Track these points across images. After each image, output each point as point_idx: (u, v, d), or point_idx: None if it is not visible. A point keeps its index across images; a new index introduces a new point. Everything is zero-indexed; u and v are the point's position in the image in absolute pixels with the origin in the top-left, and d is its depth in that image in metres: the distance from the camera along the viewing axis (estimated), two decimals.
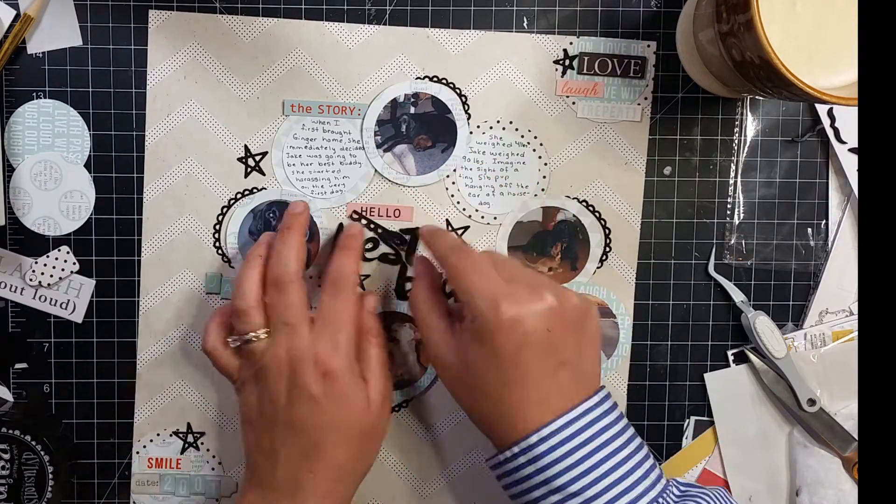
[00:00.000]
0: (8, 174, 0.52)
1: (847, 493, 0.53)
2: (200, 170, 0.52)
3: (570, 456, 0.40)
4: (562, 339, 0.42)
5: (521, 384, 0.41)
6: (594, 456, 0.41)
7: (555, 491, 0.40)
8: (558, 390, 0.42)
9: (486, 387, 0.42)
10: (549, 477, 0.41)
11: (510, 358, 0.41)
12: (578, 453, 0.40)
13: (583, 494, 0.40)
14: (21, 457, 0.50)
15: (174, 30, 0.51)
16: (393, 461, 0.54)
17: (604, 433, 0.41)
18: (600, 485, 0.40)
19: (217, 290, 0.53)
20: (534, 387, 0.42)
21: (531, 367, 0.41)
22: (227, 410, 0.54)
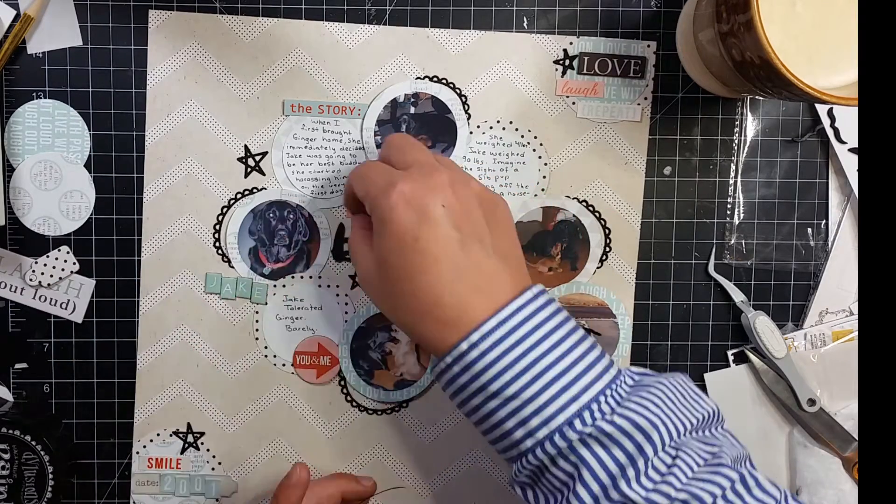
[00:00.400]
0: (8, 174, 0.52)
1: (847, 493, 0.53)
2: (200, 170, 0.52)
3: (502, 359, 0.39)
4: (462, 214, 0.41)
5: (433, 266, 0.40)
6: (528, 356, 0.39)
7: (492, 396, 0.39)
8: (477, 270, 0.40)
9: (401, 283, 0.41)
10: (483, 383, 0.39)
11: (412, 241, 0.40)
12: (510, 355, 0.39)
13: (520, 396, 0.38)
14: (21, 457, 0.50)
15: (174, 30, 0.51)
16: (393, 461, 0.54)
17: (537, 331, 0.39)
18: (537, 384, 0.38)
19: (217, 290, 0.53)
20: (445, 265, 0.40)
21: (435, 245, 0.40)
22: (227, 410, 0.54)
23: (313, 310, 0.53)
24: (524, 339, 0.39)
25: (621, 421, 0.38)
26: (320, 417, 0.54)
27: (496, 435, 0.41)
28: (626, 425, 0.38)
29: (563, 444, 0.38)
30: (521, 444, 0.39)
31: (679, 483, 0.37)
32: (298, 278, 0.53)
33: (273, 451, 0.54)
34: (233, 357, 0.53)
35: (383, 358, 0.54)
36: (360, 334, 0.54)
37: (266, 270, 0.53)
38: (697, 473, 0.38)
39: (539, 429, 0.39)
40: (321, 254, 0.53)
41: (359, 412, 0.54)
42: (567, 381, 0.39)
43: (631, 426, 0.38)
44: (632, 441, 0.38)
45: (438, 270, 0.40)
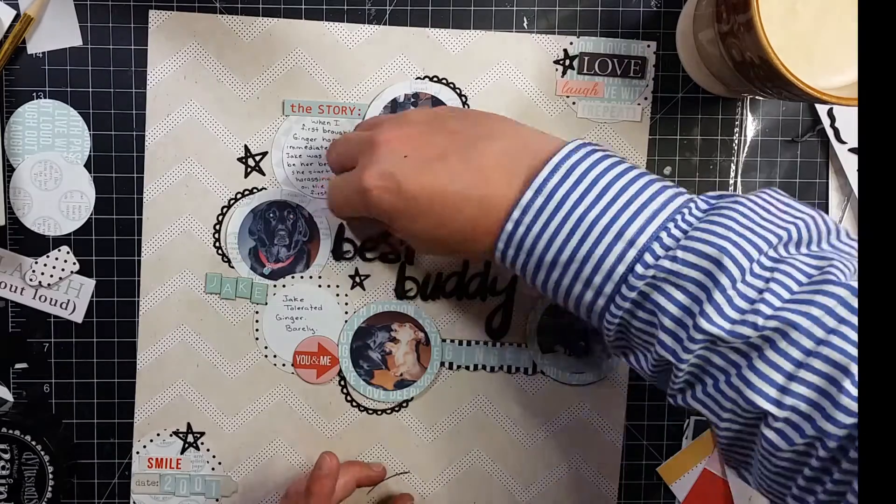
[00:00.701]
0: (8, 174, 0.52)
1: None
2: (200, 170, 0.52)
3: (548, 226, 0.38)
4: (421, 144, 0.42)
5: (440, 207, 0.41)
6: (573, 215, 0.37)
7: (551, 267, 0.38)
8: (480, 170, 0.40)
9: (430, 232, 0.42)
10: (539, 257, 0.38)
11: (406, 206, 0.42)
12: (556, 220, 0.38)
13: (576, 258, 0.37)
14: (21, 457, 0.50)
15: (174, 30, 0.51)
16: (393, 461, 0.54)
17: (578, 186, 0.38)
18: (588, 240, 0.37)
19: (217, 290, 0.53)
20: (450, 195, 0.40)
21: (423, 190, 0.41)
22: (227, 410, 0.54)
23: (313, 310, 0.53)
24: (565, 200, 0.37)
25: (685, 254, 0.35)
26: (320, 417, 0.54)
27: (573, 304, 0.39)
28: (690, 258, 0.35)
29: (632, 293, 0.36)
30: (595, 304, 0.38)
31: (770, 309, 0.34)
32: (298, 278, 0.53)
33: (273, 451, 0.54)
34: (233, 357, 0.53)
35: (383, 358, 0.54)
36: (360, 334, 0.54)
37: (266, 270, 0.53)
38: (796, 295, 0.34)
39: (604, 285, 0.37)
40: (321, 254, 0.53)
41: (359, 412, 0.54)
42: (619, 228, 0.36)
43: (696, 257, 0.35)
44: (701, 272, 0.35)
45: (445, 204, 0.41)
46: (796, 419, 0.33)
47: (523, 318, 0.54)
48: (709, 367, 0.35)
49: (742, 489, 0.55)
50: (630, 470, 0.55)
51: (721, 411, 0.36)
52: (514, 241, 0.39)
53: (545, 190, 0.38)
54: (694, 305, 0.35)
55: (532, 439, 0.55)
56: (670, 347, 0.36)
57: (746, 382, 0.34)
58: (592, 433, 0.55)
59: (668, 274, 0.35)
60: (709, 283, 0.34)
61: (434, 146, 0.42)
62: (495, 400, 0.54)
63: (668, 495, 0.55)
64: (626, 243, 0.36)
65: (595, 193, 0.37)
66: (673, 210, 0.37)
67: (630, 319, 0.37)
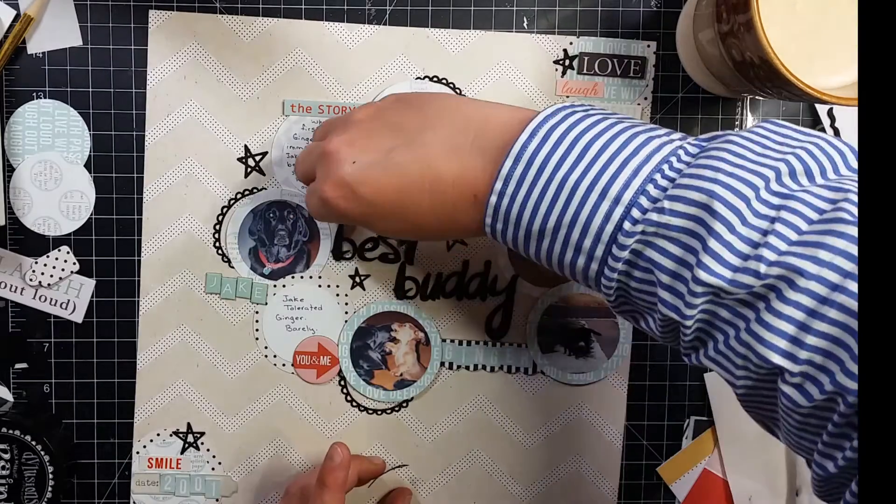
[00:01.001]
0: (8, 174, 0.52)
1: None
2: (200, 170, 0.52)
3: (531, 194, 0.36)
4: (366, 143, 0.42)
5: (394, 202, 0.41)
6: (553, 180, 0.36)
7: (540, 237, 0.37)
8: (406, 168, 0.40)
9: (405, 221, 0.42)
10: (526, 227, 0.37)
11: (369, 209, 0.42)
12: (538, 186, 0.36)
13: (563, 223, 0.36)
14: (21, 457, 0.50)
15: (174, 30, 0.51)
16: (393, 461, 0.54)
17: (555, 151, 0.36)
18: (573, 204, 0.35)
19: (217, 290, 0.53)
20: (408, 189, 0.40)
21: (379, 194, 0.41)
22: (227, 410, 0.54)
23: (313, 310, 0.53)
24: (546, 165, 0.36)
25: (672, 204, 0.33)
26: (320, 417, 0.54)
27: (569, 272, 0.38)
28: (678, 207, 0.33)
29: (624, 252, 0.34)
30: (589, 270, 0.36)
31: (774, 254, 0.31)
32: (298, 278, 0.53)
33: (273, 451, 0.54)
34: (233, 357, 0.53)
35: (383, 358, 0.54)
36: (360, 334, 0.54)
37: (266, 270, 0.53)
38: (804, 236, 0.31)
39: (595, 248, 0.35)
40: (321, 254, 0.53)
41: (359, 412, 0.54)
42: (603, 186, 0.35)
43: (684, 205, 0.33)
44: (692, 221, 0.32)
45: (403, 199, 0.40)
46: (813, 373, 0.30)
47: (523, 318, 0.54)
48: (717, 321, 0.33)
49: (742, 489, 0.55)
50: (630, 470, 0.55)
51: (735, 369, 0.33)
52: (500, 214, 0.38)
53: (524, 157, 0.36)
54: (690, 257, 0.33)
55: (532, 439, 0.55)
56: (672, 305, 0.34)
57: (756, 337, 0.31)
58: (592, 433, 0.55)
59: (657, 227, 0.33)
60: (702, 231, 0.32)
61: (379, 145, 0.41)
62: (495, 400, 0.54)
63: (668, 495, 0.55)
64: (611, 201, 0.34)
65: (576, 154, 0.36)
66: (660, 160, 0.35)
67: (627, 281, 0.35)
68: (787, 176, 0.33)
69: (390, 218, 0.42)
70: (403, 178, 0.40)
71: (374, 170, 0.41)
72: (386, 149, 0.41)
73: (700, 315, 0.33)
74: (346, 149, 0.42)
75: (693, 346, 0.35)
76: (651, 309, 0.36)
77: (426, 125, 0.41)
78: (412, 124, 0.41)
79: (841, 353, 0.30)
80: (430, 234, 0.42)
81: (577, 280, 0.38)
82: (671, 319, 0.34)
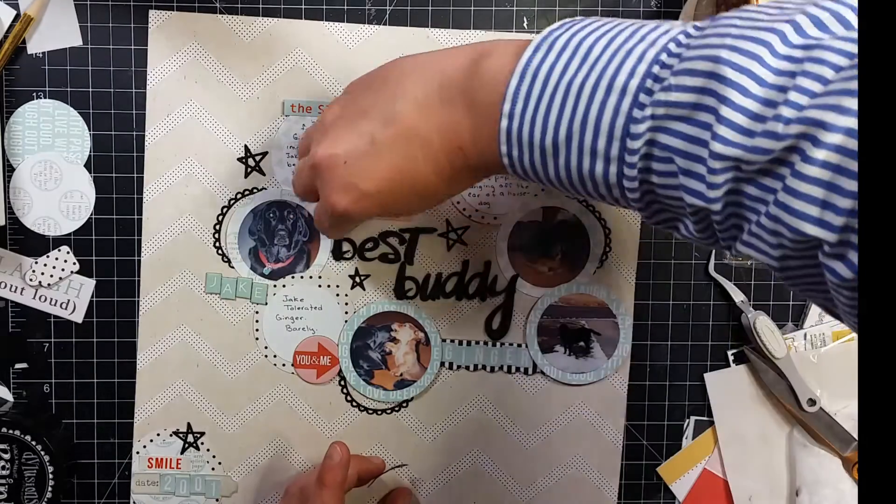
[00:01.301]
0: (8, 174, 0.52)
1: (847, 493, 0.53)
2: (200, 170, 0.52)
3: (539, 109, 0.35)
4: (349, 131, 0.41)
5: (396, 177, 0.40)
6: (559, 91, 0.34)
7: (555, 152, 0.35)
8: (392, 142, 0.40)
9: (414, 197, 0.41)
10: (540, 144, 0.35)
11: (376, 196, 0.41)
12: (544, 100, 0.35)
13: (573, 129, 0.34)
14: (21, 457, 0.50)
15: (174, 30, 0.51)
16: (393, 461, 0.54)
17: (556, 65, 0.34)
18: (580, 107, 0.33)
19: (217, 290, 0.53)
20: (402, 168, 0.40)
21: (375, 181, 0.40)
22: (227, 410, 0.54)
23: (313, 310, 0.53)
24: (550, 74, 0.34)
25: (678, 79, 0.31)
26: (320, 417, 0.54)
27: (591, 186, 0.35)
28: (685, 81, 0.31)
29: (638, 143, 0.32)
30: (609, 174, 0.34)
31: (794, 111, 0.28)
32: (298, 278, 0.53)
33: (273, 451, 0.54)
34: (233, 357, 0.53)
35: (383, 358, 0.54)
36: (360, 334, 0.54)
37: (266, 270, 0.53)
38: (829, 87, 0.28)
39: (609, 147, 0.33)
40: (321, 254, 0.53)
41: (359, 412, 0.54)
42: (608, 81, 0.33)
43: (691, 77, 0.30)
44: (701, 93, 0.30)
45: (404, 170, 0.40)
46: (852, 238, 0.27)
47: (523, 318, 0.54)
48: (745, 201, 0.30)
49: (742, 489, 0.55)
50: (630, 470, 0.55)
51: (771, 249, 0.31)
52: (513, 138, 0.36)
53: (528, 71, 0.35)
54: (704, 133, 0.30)
55: (532, 439, 0.55)
56: (695, 190, 0.31)
57: (785, 208, 0.28)
58: (592, 433, 0.55)
59: (666, 108, 0.31)
60: (712, 102, 0.30)
61: (360, 135, 0.41)
62: (495, 400, 0.54)
63: (668, 495, 0.55)
64: (618, 94, 0.32)
65: (580, 56, 0.34)
66: (665, 43, 0.32)
67: (649, 178, 0.33)
68: (810, 26, 0.29)
69: (403, 198, 0.41)
70: (395, 156, 0.40)
71: (365, 160, 0.40)
72: (367, 135, 0.40)
73: (727, 197, 0.31)
74: (332, 153, 0.41)
75: (731, 236, 0.33)
76: (682, 207, 0.33)
77: (394, 96, 0.40)
78: (381, 101, 0.41)
79: None
80: (446, 194, 0.42)
81: (600, 197, 0.36)
82: (700, 209, 0.32)
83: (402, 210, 0.42)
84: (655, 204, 0.35)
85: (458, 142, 0.39)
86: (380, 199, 0.41)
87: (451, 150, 0.39)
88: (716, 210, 0.31)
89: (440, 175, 0.40)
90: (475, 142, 0.38)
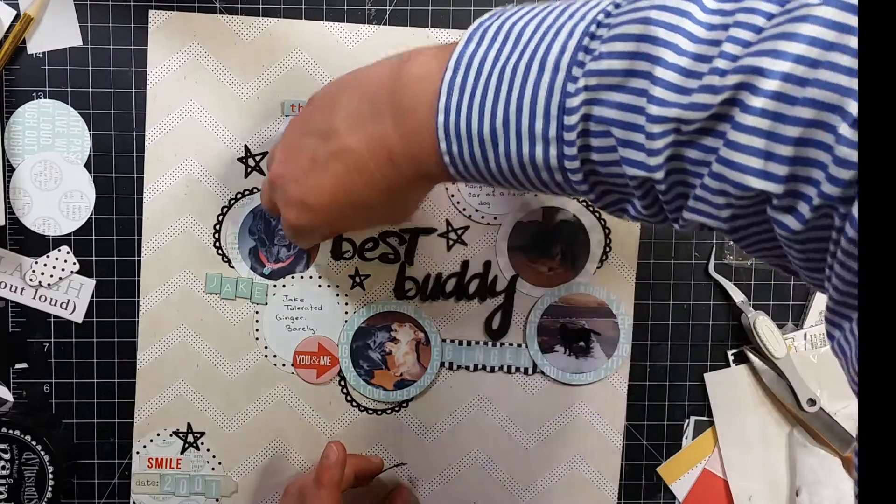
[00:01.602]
0: (8, 174, 0.52)
1: (847, 493, 0.53)
2: (200, 170, 0.52)
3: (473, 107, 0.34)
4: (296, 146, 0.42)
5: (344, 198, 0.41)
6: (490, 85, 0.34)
7: (493, 142, 0.34)
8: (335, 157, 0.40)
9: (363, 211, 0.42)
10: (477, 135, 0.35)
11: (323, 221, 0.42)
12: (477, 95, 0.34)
13: (510, 113, 0.33)
14: (21, 457, 0.50)
15: (174, 30, 0.51)
16: (393, 461, 0.54)
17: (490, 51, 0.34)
18: (514, 90, 0.33)
19: (217, 290, 0.53)
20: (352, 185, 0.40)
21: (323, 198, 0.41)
22: (227, 410, 0.54)
23: (313, 310, 0.53)
24: (483, 63, 0.34)
25: (609, 46, 0.30)
26: (320, 417, 0.54)
27: (532, 173, 0.34)
28: (616, 46, 0.30)
29: (574, 117, 0.31)
30: (550, 157, 0.33)
31: (729, 62, 0.27)
32: (298, 278, 0.53)
33: (273, 451, 0.54)
34: (233, 357, 0.53)
35: (383, 358, 0.54)
36: (360, 334, 0.54)
37: (266, 270, 0.53)
38: (763, 34, 0.27)
39: (547, 127, 0.32)
40: (321, 254, 0.53)
41: (359, 412, 0.54)
42: (540, 60, 0.32)
43: (622, 43, 0.30)
44: (633, 58, 0.29)
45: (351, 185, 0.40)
46: (798, 188, 0.27)
47: (523, 318, 0.54)
48: (688, 166, 0.30)
49: (742, 489, 0.55)
50: (630, 470, 0.55)
51: (718, 211, 0.30)
52: (451, 131, 0.35)
53: (462, 62, 0.35)
54: (640, 99, 0.29)
55: (532, 439, 0.55)
56: (636, 161, 0.30)
57: (727, 163, 0.28)
58: (592, 433, 0.55)
59: (599, 77, 0.30)
60: (645, 65, 0.29)
61: (306, 154, 0.41)
62: (495, 400, 0.54)
63: (668, 495, 0.55)
64: (551, 71, 0.31)
65: (511, 42, 0.33)
66: (594, 15, 0.31)
67: (590, 156, 0.32)
68: None
69: (346, 215, 0.42)
70: (334, 172, 0.40)
71: (311, 177, 0.41)
72: (310, 152, 0.41)
73: (669, 164, 0.30)
74: (283, 171, 0.42)
75: (677, 207, 0.32)
76: (626, 185, 0.32)
77: (331, 112, 0.41)
78: (324, 119, 0.41)
79: (822, 156, 0.26)
80: (389, 212, 0.42)
81: (548, 186, 0.35)
82: (643, 181, 0.31)
83: (348, 225, 0.44)
84: (600, 185, 0.34)
85: (386, 152, 0.38)
86: (324, 215, 0.42)
87: (381, 162, 0.39)
88: (658, 178, 0.30)
89: (374, 187, 0.40)
90: (405, 150, 0.38)
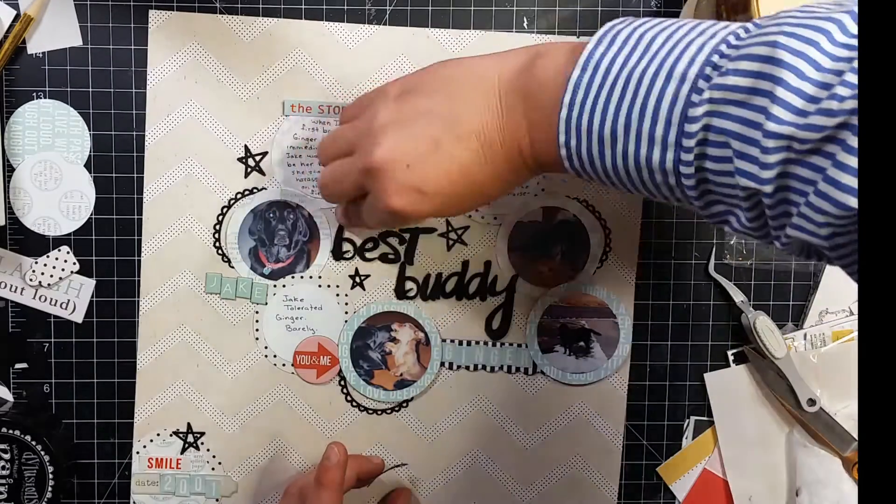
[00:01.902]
0: (8, 174, 0.52)
1: (847, 493, 0.53)
2: (200, 170, 0.52)
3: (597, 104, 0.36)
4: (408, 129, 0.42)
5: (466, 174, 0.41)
6: (616, 88, 0.35)
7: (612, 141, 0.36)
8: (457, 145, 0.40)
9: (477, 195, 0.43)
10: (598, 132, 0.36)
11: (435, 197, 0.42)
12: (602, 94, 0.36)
13: (633, 117, 0.35)
14: (21, 457, 0.50)
15: (174, 30, 0.51)
16: (393, 461, 0.54)
17: (619, 55, 0.36)
18: (640, 97, 0.35)
19: (217, 290, 0.53)
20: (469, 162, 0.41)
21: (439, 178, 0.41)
22: (227, 410, 0.54)
23: (313, 310, 0.53)
24: (612, 66, 0.36)
25: (736, 64, 0.32)
26: (320, 417, 0.54)
27: (647, 174, 0.36)
28: (743, 65, 0.32)
29: (695, 126, 0.33)
30: (665, 160, 0.35)
31: (849, 90, 0.29)
32: (298, 278, 0.53)
33: (273, 451, 0.54)
34: (233, 357, 0.53)
35: (383, 358, 0.54)
36: (360, 334, 0.54)
37: (266, 270, 0.53)
38: None
39: (667, 133, 0.34)
40: (321, 254, 0.53)
41: (359, 412, 0.54)
42: (668, 69, 0.34)
43: (749, 62, 0.32)
44: (758, 78, 0.31)
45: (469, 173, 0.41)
46: None
47: (523, 318, 0.54)
48: (795, 183, 0.31)
49: (742, 489, 0.55)
50: (630, 470, 0.55)
51: (819, 229, 0.31)
52: (572, 127, 0.37)
53: (591, 63, 0.36)
54: (759, 116, 0.31)
55: (532, 439, 0.55)
56: (748, 172, 0.32)
57: (834, 183, 0.29)
58: (592, 433, 0.55)
59: (723, 92, 0.32)
60: (768, 85, 0.31)
61: (422, 139, 0.41)
62: (495, 400, 0.54)
63: (668, 495, 0.55)
64: (677, 81, 0.34)
65: (641, 48, 0.35)
66: (724, 35, 0.34)
67: (705, 164, 0.34)
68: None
69: (462, 199, 0.42)
70: (462, 161, 0.41)
71: (431, 165, 0.41)
72: (429, 139, 0.41)
73: (779, 180, 0.32)
74: (392, 157, 0.41)
75: (780, 224, 0.34)
76: (735, 196, 0.34)
77: (453, 100, 0.41)
78: (441, 105, 0.42)
79: None
80: (498, 196, 0.43)
81: (659, 188, 0.37)
82: (753, 193, 0.33)
83: (458, 210, 0.44)
84: (709, 194, 0.36)
85: (518, 143, 0.40)
86: (440, 201, 0.42)
87: (512, 152, 0.40)
88: (768, 192, 0.32)
89: (498, 177, 0.41)
90: (532, 142, 0.40)
